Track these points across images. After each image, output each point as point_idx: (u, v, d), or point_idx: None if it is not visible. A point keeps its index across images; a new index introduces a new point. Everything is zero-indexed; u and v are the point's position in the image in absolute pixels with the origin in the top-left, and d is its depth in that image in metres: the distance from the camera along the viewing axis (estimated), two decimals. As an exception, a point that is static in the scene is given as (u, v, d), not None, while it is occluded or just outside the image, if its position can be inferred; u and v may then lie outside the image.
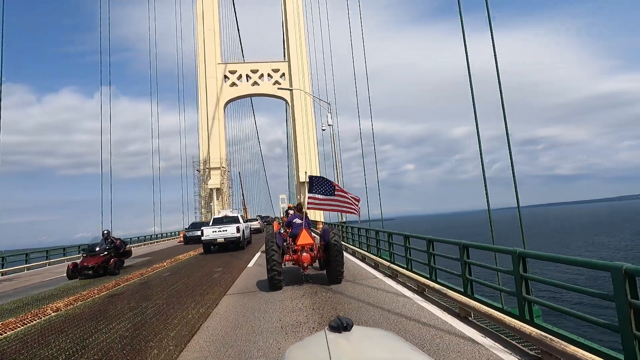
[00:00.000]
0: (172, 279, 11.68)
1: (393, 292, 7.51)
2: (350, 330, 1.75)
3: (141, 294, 9.62)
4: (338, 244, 8.60)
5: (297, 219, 9.63)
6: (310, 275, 9.91)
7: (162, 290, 9.88)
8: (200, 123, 62.17)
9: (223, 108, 64.51)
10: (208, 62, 62.34)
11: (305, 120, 63.16)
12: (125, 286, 11.18)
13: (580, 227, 74.89)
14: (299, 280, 9.46)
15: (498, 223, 13.53)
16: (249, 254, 17.11)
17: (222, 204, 59.55)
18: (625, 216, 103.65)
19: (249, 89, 65.98)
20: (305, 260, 8.75)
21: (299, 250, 8.89)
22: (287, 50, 67.12)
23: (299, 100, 63.67)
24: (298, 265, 9.15)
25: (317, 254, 9.06)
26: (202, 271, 13.01)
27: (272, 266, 8.17)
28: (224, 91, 64.07)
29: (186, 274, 12.53)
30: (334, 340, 1.67)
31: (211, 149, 60.92)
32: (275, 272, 8.20)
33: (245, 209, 69.70)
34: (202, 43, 62.27)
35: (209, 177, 60.24)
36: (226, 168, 63.04)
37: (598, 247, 45.01)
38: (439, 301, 6.33)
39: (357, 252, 14.21)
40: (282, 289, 8.51)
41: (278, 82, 65.91)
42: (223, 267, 13.62)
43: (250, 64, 66.89)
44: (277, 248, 8.35)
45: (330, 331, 1.78)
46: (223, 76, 64.26)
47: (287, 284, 9.12)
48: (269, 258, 8.24)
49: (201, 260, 16.51)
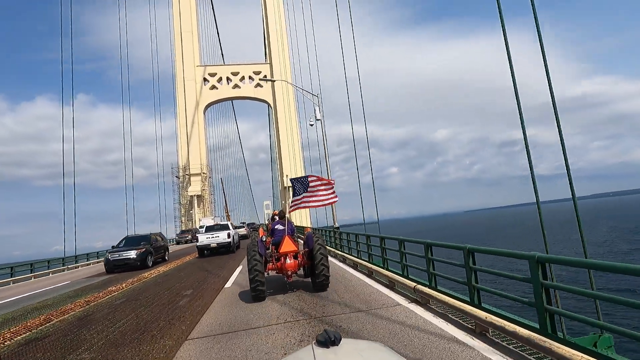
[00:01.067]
0: (123, 311, 8.73)
1: (391, 303, 6.97)
2: (339, 345, 1.71)
3: (69, 339, 6.70)
4: (322, 249, 8.39)
5: (279, 225, 9.37)
6: (296, 283, 9.61)
7: (100, 332, 6.95)
8: (179, 128, 60.79)
9: (203, 112, 63.39)
10: (186, 64, 61.24)
11: (289, 123, 62.63)
12: (55, 324, 8.10)
13: (559, 225, 76.90)
14: (284, 289, 9.11)
15: (477, 224, 13.15)
16: (227, 270, 14.32)
17: (203, 211, 58.27)
18: (599, 214, 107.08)
19: (230, 92, 65.15)
20: (290, 268, 8.51)
21: (282, 258, 8.63)
22: (268, 52, 66.65)
23: (282, 102, 63.23)
24: (282, 274, 8.84)
25: (301, 261, 8.82)
26: (166, 295, 10.19)
27: (254, 276, 7.88)
28: (203, 94, 63.01)
29: (145, 302, 9.57)
30: (322, 356, 1.64)
31: (191, 155, 59.70)
32: (258, 283, 7.90)
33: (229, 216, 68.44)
34: (179, 44, 61.15)
35: (189, 184, 58.89)
36: (207, 174, 61.78)
37: (575, 243, 46.36)
38: (450, 316, 5.79)
39: (347, 259, 13.36)
40: (264, 300, 8.15)
41: (260, 84, 65.34)
42: (194, 288, 10.99)
43: (231, 66, 66.14)
44: (259, 257, 8.03)
45: (317, 346, 1.74)
46: (202, 79, 63.23)
47: (271, 293, 8.76)
48: (251, 268, 7.94)
49: (170, 279, 13.42)
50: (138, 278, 14.45)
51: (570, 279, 23.89)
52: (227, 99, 67.78)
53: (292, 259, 8.61)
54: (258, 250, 8.14)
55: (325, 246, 8.59)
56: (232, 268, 14.51)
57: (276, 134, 65.45)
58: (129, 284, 13.17)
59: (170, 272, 15.68)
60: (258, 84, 65.47)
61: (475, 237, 71.00)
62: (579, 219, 6.45)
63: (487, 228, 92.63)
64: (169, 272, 15.71)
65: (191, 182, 58.80)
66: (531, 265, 4.06)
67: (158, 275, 14.78)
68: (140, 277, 14.58)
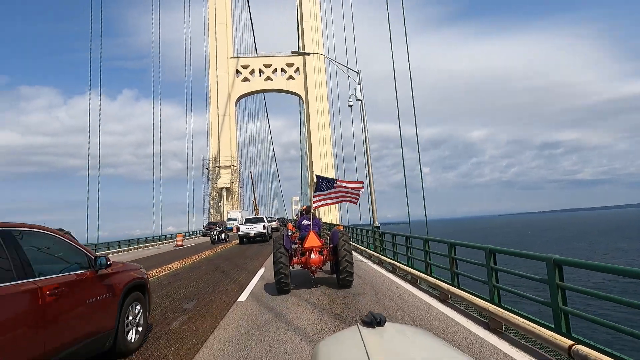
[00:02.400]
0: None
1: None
2: (384, 326, 1.79)
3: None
4: (346, 245, 8.67)
5: (305, 221, 9.78)
6: (320, 279, 9.87)
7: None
8: (210, 119, 62.58)
9: (235, 104, 64.98)
10: (219, 56, 62.74)
11: (321, 117, 62.96)
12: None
13: (600, 234, 73.67)
14: (308, 284, 9.43)
15: (506, 228, 12.84)
16: (247, 272, 12.29)
17: (231, 204, 59.86)
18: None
19: (262, 84, 66.36)
20: (314, 262, 8.83)
21: (307, 252, 8.97)
22: (302, 44, 67.31)
23: (314, 95, 63.67)
24: (307, 269, 9.19)
25: (326, 256, 9.13)
26: (158, 310, 7.43)
27: (279, 269, 8.29)
28: (235, 86, 64.56)
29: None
30: (368, 335, 1.70)
31: (221, 147, 61.28)
32: (282, 275, 8.26)
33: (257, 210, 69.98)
34: (213, 36, 62.83)
35: (219, 176, 60.62)
36: (237, 167, 63.28)
37: (620, 252, 45.43)
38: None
39: (387, 262, 11.70)
40: (289, 292, 8.44)
41: (292, 77, 66.16)
42: (199, 298, 8.47)
43: (264, 58, 67.31)
44: (284, 251, 8.45)
45: (363, 326, 1.81)
46: (235, 71, 64.76)
47: (296, 287, 9.06)
48: (276, 260, 8.37)
49: (176, 281, 11.41)
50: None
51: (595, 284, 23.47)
52: (259, 91, 69.13)
53: (316, 254, 8.90)
54: (283, 244, 8.53)
55: (349, 243, 8.86)
56: (253, 270, 12.57)
57: (307, 128, 66.16)
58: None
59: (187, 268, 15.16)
60: (290, 77, 66.31)
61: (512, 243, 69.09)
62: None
63: (520, 234, 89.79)
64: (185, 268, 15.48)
65: (221, 175, 60.43)
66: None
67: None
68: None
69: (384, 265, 12.07)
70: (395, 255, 11.43)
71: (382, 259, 12.52)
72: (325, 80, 63.78)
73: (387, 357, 1.54)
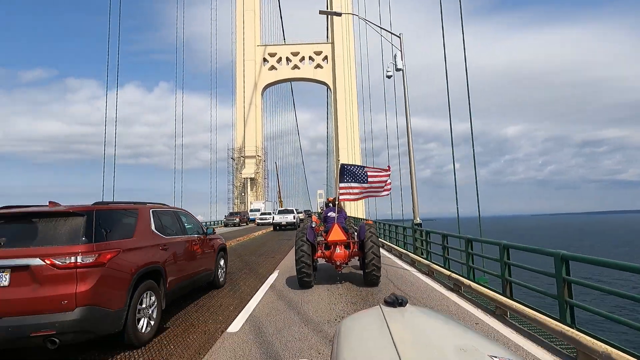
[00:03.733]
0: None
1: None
2: (405, 307, 1.91)
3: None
4: (373, 238, 8.33)
5: (331, 213, 9.53)
6: (347, 275, 9.63)
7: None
8: (237, 109, 63.82)
9: (261, 93, 65.99)
10: (247, 43, 63.70)
11: (349, 107, 63.13)
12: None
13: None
14: (333, 279, 9.14)
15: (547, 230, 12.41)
16: (255, 278, 9.78)
17: (256, 195, 61.11)
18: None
19: (289, 73, 66.97)
20: (338, 258, 8.53)
21: (332, 246, 8.68)
22: (331, 31, 67.45)
23: (342, 84, 63.78)
24: (331, 264, 8.91)
25: (352, 251, 8.77)
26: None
27: (301, 267, 8.03)
28: (262, 75, 65.50)
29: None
30: (390, 314, 1.82)
31: (247, 137, 62.46)
32: (304, 274, 8.02)
33: (281, 201, 71.30)
34: (241, 23, 63.82)
35: (244, 166, 61.95)
36: (261, 157, 64.33)
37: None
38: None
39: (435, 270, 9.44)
40: (311, 287, 8.12)
41: (320, 65, 66.47)
42: (175, 322, 6.03)
43: (291, 45, 67.81)
44: (306, 246, 8.14)
45: (385, 306, 1.94)
46: (262, 59, 65.63)
47: (318, 283, 8.74)
48: (298, 258, 8.08)
49: None
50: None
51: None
52: (286, 80, 69.86)
53: (342, 249, 8.59)
54: (307, 238, 8.23)
55: (377, 240, 8.46)
56: (264, 274, 10.29)
57: (334, 119, 66.44)
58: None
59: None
60: (318, 65, 66.61)
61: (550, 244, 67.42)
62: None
63: (556, 236, 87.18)
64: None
65: (245, 165, 61.66)
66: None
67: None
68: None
69: (437, 278, 9.10)
70: (447, 262, 9.16)
71: (432, 267, 9.49)
72: (354, 69, 63.85)
73: (408, 334, 1.63)
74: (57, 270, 4.14)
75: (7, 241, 4.28)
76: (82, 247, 4.30)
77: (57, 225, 4.51)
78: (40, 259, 4.12)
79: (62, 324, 4.01)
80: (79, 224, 4.48)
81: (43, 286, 4.09)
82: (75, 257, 4.22)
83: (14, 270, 4.11)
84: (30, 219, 4.56)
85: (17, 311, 3.99)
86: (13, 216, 4.57)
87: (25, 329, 3.95)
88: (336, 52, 64.82)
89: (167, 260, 5.77)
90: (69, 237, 4.39)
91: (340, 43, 64.81)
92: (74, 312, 4.09)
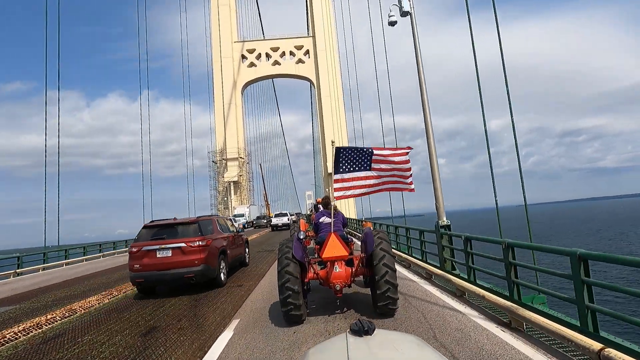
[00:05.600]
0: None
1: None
2: (372, 335, 1.85)
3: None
4: (385, 251, 6.41)
5: (325, 217, 7.88)
6: (349, 298, 7.86)
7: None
8: (215, 109, 62.78)
9: (241, 92, 65.14)
10: (223, 40, 62.66)
11: (334, 103, 62.62)
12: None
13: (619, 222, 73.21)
14: (331, 307, 7.29)
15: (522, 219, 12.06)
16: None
17: (240, 199, 60.32)
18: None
19: (269, 69, 66.22)
20: (338, 279, 6.58)
21: (327, 264, 6.81)
22: (311, 25, 66.96)
23: (327, 79, 63.26)
24: (327, 287, 6.93)
25: (356, 269, 6.90)
26: None
27: (286, 297, 6.21)
28: (241, 73, 64.62)
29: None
30: (354, 344, 1.77)
31: (228, 138, 61.40)
32: (291, 299, 6.19)
33: (268, 205, 70.57)
34: (216, 19, 62.91)
35: (226, 170, 61.12)
36: (245, 159, 63.52)
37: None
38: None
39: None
40: (302, 323, 6.40)
41: (302, 60, 65.88)
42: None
43: (271, 41, 67.00)
44: (292, 268, 6.30)
45: (351, 334, 1.89)
46: (240, 56, 64.79)
47: (311, 313, 6.99)
48: (282, 285, 6.23)
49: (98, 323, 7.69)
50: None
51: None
52: (267, 77, 69.10)
53: (342, 266, 6.73)
54: (292, 256, 6.33)
55: (391, 251, 6.59)
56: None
57: (319, 116, 65.96)
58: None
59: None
60: (300, 60, 65.97)
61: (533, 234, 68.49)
62: None
63: (540, 224, 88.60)
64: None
65: (228, 168, 60.79)
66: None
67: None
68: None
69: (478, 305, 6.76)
70: (516, 288, 5.89)
71: (487, 297, 6.22)
72: (338, 62, 63.43)
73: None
74: (191, 248, 9.32)
75: (167, 236, 9.58)
76: (199, 238, 9.55)
77: (187, 228, 9.82)
78: (184, 243, 9.36)
79: (195, 272, 9.23)
80: (195, 227, 9.84)
81: (186, 255, 9.24)
82: (197, 242, 9.45)
83: (173, 249, 9.34)
84: (174, 225, 9.91)
85: (176, 266, 9.19)
86: (167, 225, 9.94)
87: (181, 274, 9.22)
88: (318, 46, 64.24)
89: (227, 245, 11.21)
90: (193, 232, 9.68)
91: (321, 36, 64.31)
92: (200, 267, 9.30)
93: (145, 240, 9.57)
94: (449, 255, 9.32)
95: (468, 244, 7.63)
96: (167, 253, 9.31)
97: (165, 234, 9.63)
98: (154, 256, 9.31)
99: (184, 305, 8.52)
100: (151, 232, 9.80)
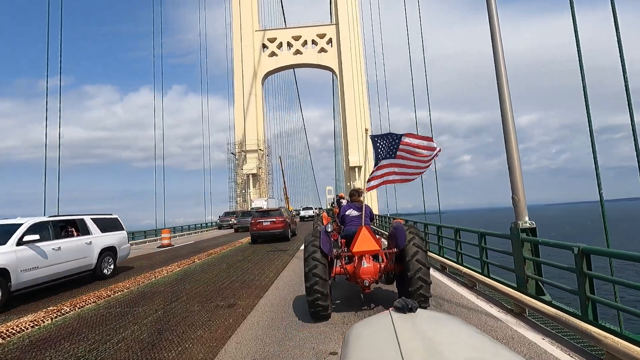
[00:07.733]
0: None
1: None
2: (415, 312, 2.00)
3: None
4: (418, 247, 6.42)
5: (352, 210, 7.76)
6: (375, 296, 7.83)
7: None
8: (235, 99, 63.55)
9: (261, 82, 65.80)
10: (244, 28, 63.24)
11: (358, 95, 62.65)
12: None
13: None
14: (356, 303, 7.38)
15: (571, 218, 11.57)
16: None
17: (259, 192, 61.11)
18: None
19: (291, 59, 66.37)
20: (366, 275, 6.50)
21: (355, 259, 6.74)
22: (335, 12, 67.06)
23: (350, 69, 63.21)
24: (355, 283, 6.89)
25: (385, 265, 6.85)
26: None
27: (313, 285, 6.25)
28: (262, 62, 65.14)
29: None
30: (399, 320, 1.90)
31: (247, 130, 62.10)
32: (319, 296, 6.23)
33: (287, 199, 71.32)
34: (237, 7, 63.63)
35: (245, 162, 61.92)
36: (264, 151, 64.13)
37: None
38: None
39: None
40: (328, 318, 6.52)
41: (324, 49, 65.99)
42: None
43: (292, 29, 67.17)
44: (321, 267, 6.28)
45: (395, 312, 2.03)
46: (261, 45, 65.30)
47: (336, 309, 7.07)
48: (310, 272, 6.28)
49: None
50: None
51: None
52: (288, 67, 69.48)
53: (370, 261, 6.65)
54: (320, 247, 6.40)
55: (424, 248, 6.58)
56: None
57: (341, 108, 66.12)
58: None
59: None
60: (322, 49, 66.01)
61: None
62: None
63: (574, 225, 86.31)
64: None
65: (247, 160, 61.50)
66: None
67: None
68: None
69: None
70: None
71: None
72: (362, 52, 63.40)
73: (416, 340, 1.68)
74: (280, 221, 22.46)
75: (267, 217, 22.83)
76: (280, 217, 22.78)
77: (275, 212, 23.55)
78: (275, 219, 22.53)
79: (280, 232, 22.41)
80: (280, 211, 24.03)
81: (275, 224, 22.27)
82: (282, 218, 22.75)
83: (271, 222, 22.42)
84: (269, 211, 23.76)
85: (271, 229, 22.29)
86: (265, 210, 25.09)
87: (274, 234, 22.37)
88: (341, 34, 64.25)
89: (290, 221, 24.70)
90: (279, 214, 23.05)
91: (345, 23, 64.30)
92: (281, 230, 22.37)
93: (256, 217, 22.92)
94: (532, 272, 6.77)
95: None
96: (267, 223, 22.11)
97: (266, 214, 22.95)
98: (261, 224, 22.09)
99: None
100: (259, 214, 23.43)
